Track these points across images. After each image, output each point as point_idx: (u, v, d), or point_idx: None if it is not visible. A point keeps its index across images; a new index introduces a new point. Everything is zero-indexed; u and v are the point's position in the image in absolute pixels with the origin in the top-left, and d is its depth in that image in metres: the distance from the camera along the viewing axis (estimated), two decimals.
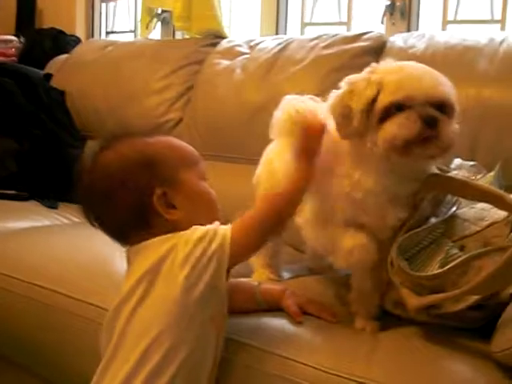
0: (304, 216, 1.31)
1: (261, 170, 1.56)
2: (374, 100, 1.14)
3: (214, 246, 1.11)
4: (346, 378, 1.09)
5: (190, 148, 1.27)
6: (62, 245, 1.81)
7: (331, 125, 1.21)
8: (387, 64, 1.20)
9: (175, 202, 1.19)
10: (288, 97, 1.55)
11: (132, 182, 1.18)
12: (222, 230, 1.14)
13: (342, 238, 1.21)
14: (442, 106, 1.13)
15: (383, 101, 1.13)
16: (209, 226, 1.15)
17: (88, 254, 1.69)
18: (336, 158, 1.22)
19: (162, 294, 1.11)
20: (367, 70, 1.19)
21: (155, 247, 1.15)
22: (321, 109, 1.47)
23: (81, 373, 1.45)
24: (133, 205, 1.17)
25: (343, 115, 1.16)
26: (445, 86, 1.14)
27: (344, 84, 1.19)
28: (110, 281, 1.46)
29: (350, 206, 1.20)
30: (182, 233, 1.14)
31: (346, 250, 1.20)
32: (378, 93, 1.13)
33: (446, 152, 1.15)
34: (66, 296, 1.52)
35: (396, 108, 1.12)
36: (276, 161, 1.46)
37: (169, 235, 1.15)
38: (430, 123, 1.10)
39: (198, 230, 1.14)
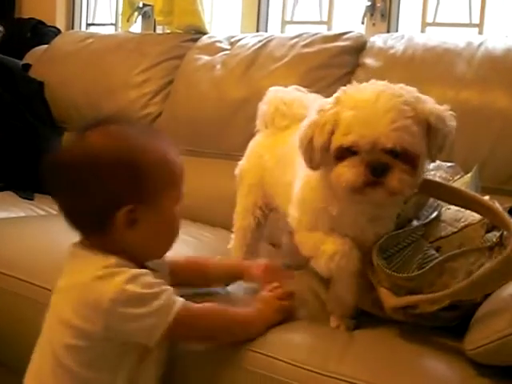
0: (296, 223, 1.30)
1: (246, 163, 1.56)
2: (330, 137, 1.12)
3: (151, 319, 1.07)
4: (318, 372, 1.11)
5: (180, 162, 1.17)
6: (36, 236, 1.80)
7: None
8: (355, 89, 1.15)
9: (141, 222, 1.11)
10: (272, 88, 1.56)
11: (110, 182, 1.08)
12: (170, 307, 1.09)
13: (324, 243, 1.21)
14: (397, 153, 1.09)
15: (335, 142, 1.11)
16: (164, 288, 1.10)
17: (63, 246, 1.66)
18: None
19: (81, 319, 1.09)
20: (336, 94, 1.17)
21: (89, 264, 1.11)
22: (306, 99, 1.48)
23: None
24: (98, 203, 1.10)
25: (308, 149, 1.16)
26: (400, 130, 1.08)
27: (315, 111, 1.17)
28: None
29: (329, 220, 1.20)
30: (120, 270, 1.08)
31: (328, 255, 1.19)
32: (333, 131, 1.12)
33: (395, 197, 1.13)
34: (39, 287, 1.51)
35: (347, 150, 1.10)
36: (266, 155, 1.46)
37: (105, 258, 1.10)
38: (376, 171, 1.08)
39: (142, 282, 1.08)
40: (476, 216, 1.21)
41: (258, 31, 2.97)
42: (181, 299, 1.11)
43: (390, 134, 1.07)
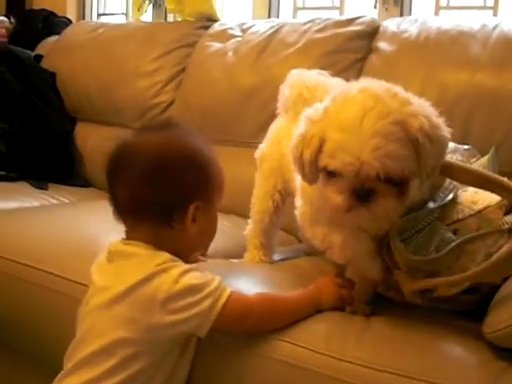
0: (300, 216, 1.30)
1: (267, 147, 1.55)
2: (318, 151, 1.10)
3: (204, 304, 1.10)
4: (336, 357, 1.10)
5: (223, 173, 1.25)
6: (49, 225, 1.80)
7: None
8: (342, 102, 1.10)
9: (198, 219, 1.17)
10: (295, 71, 1.54)
11: (185, 178, 1.16)
12: (221, 293, 1.12)
13: (332, 233, 1.20)
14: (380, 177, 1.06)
15: (321, 161, 1.09)
16: (214, 277, 1.13)
17: (75, 234, 1.68)
18: None
19: (139, 311, 1.11)
20: (325, 104, 1.13)
21: (143, 261, 1.13)
22: (329, 84, 1.45)
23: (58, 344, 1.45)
24: (171, 198, 1.15)
25: (299, 162, 1.14)
26: (384, 156, 1.03)
27: (302, 120, 1.15)
28: None
29: (328, 214, 1.19)
30: (175, 264, 1.13)
31: (339, 243, 1.19)
32: (320, 147, 1.09)
33: (380, 222, 1.12)
34: (54, 275, 1.51)
35: (332, 172, 1.08)
36: (284, 140, 1.45)
37: (160, 254, 1.14)
38: (360, 197, 1.07)
39: (194, 275, 1.12)
40: (494, 198, 1.19)
41: (269, 17, 2.95)
42: (224, 289, 1.14)
43: (372, 162, 1.03)
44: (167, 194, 1.15)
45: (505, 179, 1.17)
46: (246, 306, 1.16)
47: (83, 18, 3.63)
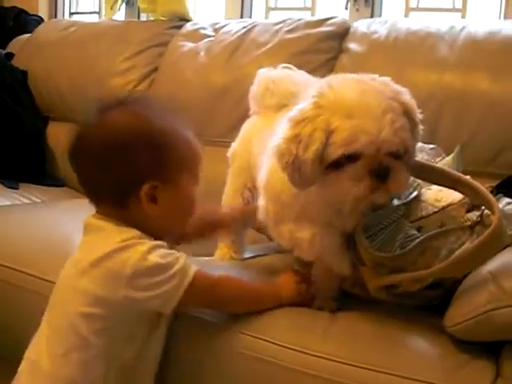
0: (264, 215, 1.30)
1: (237, 145, 1.57)
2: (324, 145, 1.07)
3: (170, 284, 1.10)
4: (302, 351, 1.12)
5: (200, 148, 1.21)
6: (20, 224, 1.80)
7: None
8: (333, 92, 1.09)
9: (160, 199, 1.14)
10: (262, 70, 1.56)
11: (135, 158, 1.12)
12: (186, 272, 1.12)
13: (299, 230, 1.21)
14: (397, 152, 1.07)
15: (333, 153, 1.06)
16: (179, 255, 1.13)
17: (46, 233, 1.69)
18: None
19: (103, 286, 1.11)
20: (313, 100, 1.10)
21: (110, 236, 1.13)
22: (295, 76, 1.48)
23: None
24: (122, 179, 1.13)
25: (293, 166, 1.09)
26: (400, 130, 1.06)
27: (288, 123, 1.11)
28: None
29: (295, 211, 1.20)
30: (142, 241, 1.12)
31: (307, 240, 1.19)
32: (327, 140, 1.06)
33: (395, 197, 1.14)
34: (23, 273, 1.52)
35: (347, 158, 1.06)
36: (254, 138, 1.47)
37: (129, 230, 1.13)
38: (381, 176, 1.06)
39: (161, 253, 1.11)
40: (457, 196, 1.22)
41: (242, 18, 2.97)
42: (195, 266, 1.14)
43: (393, 137, 1.05)
44: (118, 175, 1.13)
45: (466, 177, 1.20)
46: (211, 282, 1.17)
47: (55, 17, 3.60)
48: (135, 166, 1.12)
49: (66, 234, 1.61)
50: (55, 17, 3.60)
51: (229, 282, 1.22)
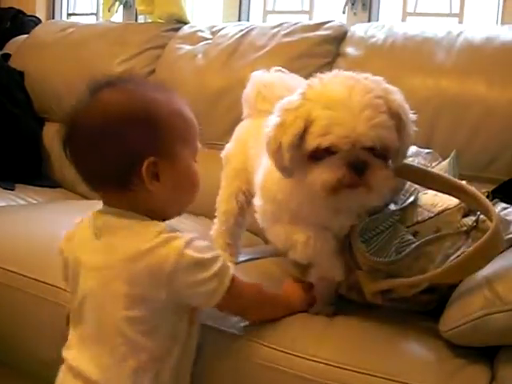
0: (261, 215, 1.30)
1: (232, 147, 1.56)
2: (302, 135, 1.09)
3: (210, 285, 1.08)
4: (299, 356, 1.13)
5: (195, 121, 1.18)
6: (16, 225, 1.80)
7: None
8: (321, 85, 1.12)
9: (161, 175, 1.10)
10: (255, 73, 1.56)
11: (129, 137, 1.08)
12: (225, 275, 1.10)
13: (295, 232, 1.21)
14: (375, 149, 1.08)
15: (310, 143, 1.08)
16: (218, 252, 1.12)
17: (42, 234, 1.67)
18: None
19: (141, 286, 1.08)
20: (300, 90, 1.13)
21: (143, 234, 1.09)
22: (287, 80, 1.48)
23: (35, 351, 1.44)
24: (120, 160, 1.09)
25: (276, 151, 1.12)
26: (378, 126, 1.06)
27: (277, 112, 1.14)
28: None
29: (291, 212, 1.21)
30: (175, 235, 1.08)
31: (302, 242, 1.20)
32: (306, 129, 1.08)
33: (374, 196, 1.13)
34: (19, 275, 1.51)
35: (324, 150, 1.07)
36: (250, 141, 1.47)
37: (156, 224, 1.10)
38: (357, 170, 1.07)
39: (197, 246, 1.08)
40: (453, 201, 1.22)
41: (239, 21, 2.97)
42: (230, 268, 1.13)
43: (368, 132, 1.05)
44: (114, 157, 1.09)
45: (462, 182, 1.20)
46: (242, 287, 1.15)
47: (53, 18, 3.60)
48: (130, 143, 1.09)
49: (62, 236, 1.60)
50: (53, 18, 3.59)
51: (256, 288, 1.21)
